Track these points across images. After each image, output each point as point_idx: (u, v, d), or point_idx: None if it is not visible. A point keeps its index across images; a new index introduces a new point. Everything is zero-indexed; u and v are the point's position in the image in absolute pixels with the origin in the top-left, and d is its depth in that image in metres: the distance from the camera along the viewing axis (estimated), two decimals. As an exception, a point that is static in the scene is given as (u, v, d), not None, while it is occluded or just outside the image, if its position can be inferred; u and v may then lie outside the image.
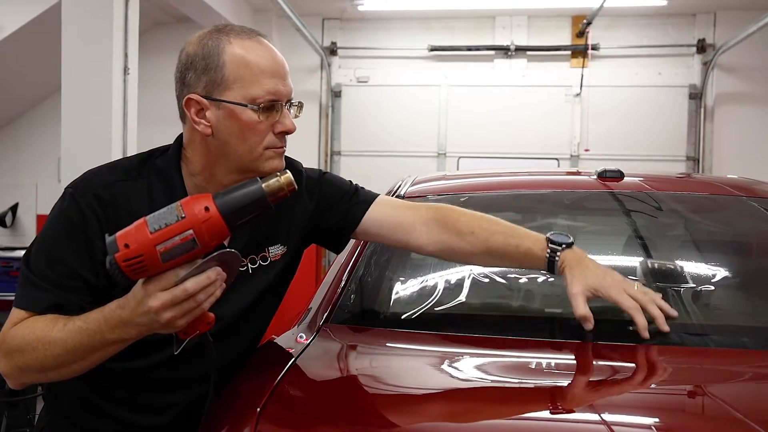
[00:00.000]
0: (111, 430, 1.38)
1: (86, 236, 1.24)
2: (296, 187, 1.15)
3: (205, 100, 1.24)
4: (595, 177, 1.99)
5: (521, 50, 6.26)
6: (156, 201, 1.25)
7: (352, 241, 1.83)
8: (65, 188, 1.31)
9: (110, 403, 1.36)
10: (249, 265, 1.37)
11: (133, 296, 1.09)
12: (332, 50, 6.49)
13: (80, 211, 1.25)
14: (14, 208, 6.70)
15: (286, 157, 1.37)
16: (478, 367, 1.35)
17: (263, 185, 1.09)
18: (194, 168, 1.31)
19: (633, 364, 1.33)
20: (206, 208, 1.04)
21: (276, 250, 1.41)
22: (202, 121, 1.26)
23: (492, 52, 6.33)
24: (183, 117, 1.30)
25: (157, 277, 1.06)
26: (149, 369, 1.32)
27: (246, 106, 1.23)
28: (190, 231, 1.02)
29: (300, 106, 1.32)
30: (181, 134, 1.34)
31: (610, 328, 1.50)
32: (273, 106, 1.25)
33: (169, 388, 1.36)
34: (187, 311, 1.07)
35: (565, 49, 6.23)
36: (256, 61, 1.24)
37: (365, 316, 1.60)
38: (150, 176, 1.31)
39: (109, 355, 1.17)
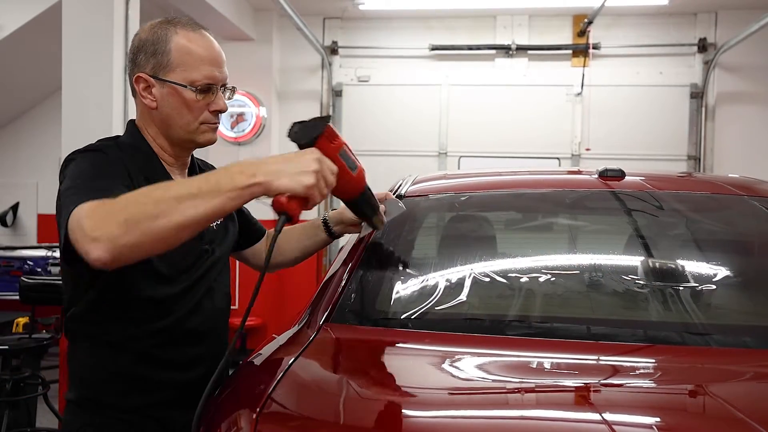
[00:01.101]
0: (148, 403, 1.48)
1: (123, 165, 1.42)
2: None
3: (152, 79, 1.47)
4: (596, 176, 1.98)
5: (522, 49, 6.26)
6: (137, 163, 1.47)
7: (352, 241, 1.83)
8: (72, 156, 1.43)
9: (151, 366, 1.48)
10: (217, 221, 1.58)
11: (300, 154, 1.26)
12: (333, 49, 6.49)
13: (107, 154, 1.43)
14: (15, 208, 6.71)
15: (202, 160, 1.70)
16: (479, 367, 1.35)
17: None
18: (149, 138, 1.54)
19: (634, 364, 1.33)
20: None
21: None
22: (149, 96, 1.49)
23: (493, 52, 6.32)
24: (134, 92, 1.52)
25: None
26: (180, 322, 1.49)
27: (186, 87, 1.46)
28: (358, 168, 1.41)
29: (233, 89, 1.56)
30: (131, 120, 1.58)
31: (611, 327, 1.50)
32: (209, 88, 1.48)
33: (198, 341, 1.54)
34: (319, 188, 1.24)
35: (566, 49, 6.23)
36: (197, 51, 1.48)
37: (365, 315, 1.59)
38: (123, 150, 1.50)
39: (210, 216, 1.20)
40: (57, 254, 5.48)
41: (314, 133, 1.31)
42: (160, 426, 1.49)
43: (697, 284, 1.60)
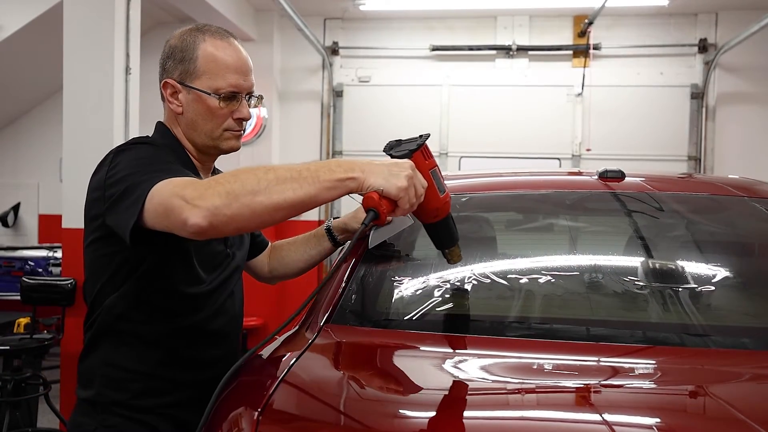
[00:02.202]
0: (165, 403, 1.50)
1: (170, 156, 1.45)
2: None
3: (178, 85, 1.52)
4: (596, 177, 1.99)
5: (523, 50, 6.26)
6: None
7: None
8: (121, 148, 1.44)
9: (174, 366, 1.51)
10: None
11: (396, 161, 1.33)
12: (334, 50, 6.50)
13: (158, 146, 1.47)
14: (16, 208, 6.71)
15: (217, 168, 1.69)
16: (479, 368, 1.35)
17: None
18: (178, 138, 1.57)
19: (634, 365, 1.33)
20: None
21: None
22: (175, 101, 1.53)
23: (494, 52, 6.33)
24: (163, 97, 1.57)
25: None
26: (206, 321, 1.54)
27: (210, 94, 1.49)
28: (446, 192, 1.45)
29: (259, 98, 1.59)
30: (159, 122, 1.61)
31: (611, 329, 1.50)
32: (234, 96, 1.51)
33: (219, 341, 1.59)
34: (409, 195, 1.29)
35: (566, 49, 6.23)
36: (223, 59, 1.50)
37: (366, 316, 1.60)
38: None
39: (306, 202, 1.24)
40: (58, 254, 5.49)
41: (411, 147, 1.39)
42: (176, 426, 1.51)
43: (696, 285, 1.60)
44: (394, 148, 1.42)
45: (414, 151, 1.38)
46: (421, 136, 1.43)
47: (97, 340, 1.52)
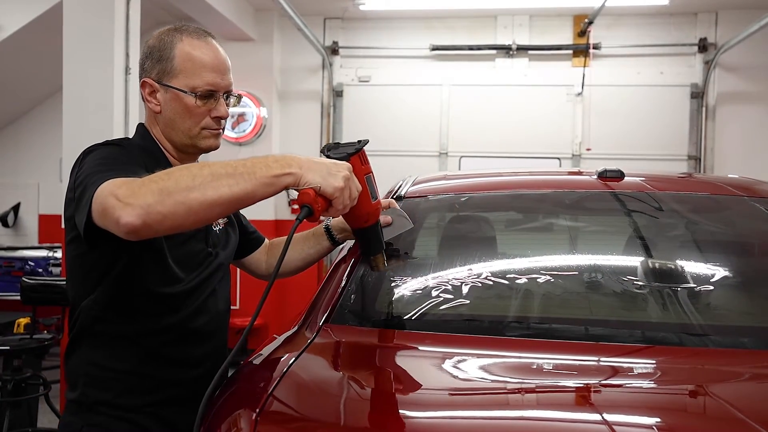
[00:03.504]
0: (150, 402, 1.50)
1: (141, 160, 1.44)
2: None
3: (156, 84, 1.53)
4: (595, 177, 1.99)
5: (523, 49, 6.26)
6: (148, 162, 1.47)
7: (351, 242, 1.84)
8: (90, 149, 1.45)
9: (156, 365, 1.51)
10: (218, 225, 1.67)
11: (334, 162, 1.33)
12: (334, 50, 6.49)
13: (125, 147, 1.48)
14: (16, 208, 6.71)
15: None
16: (478, 368, 1.35)
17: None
18: (157, 139, 1.59)
19: (632, 365, 1.33)
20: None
21: (221, 219, 1.69)
22: (153, 100, 1.55)
23: (494, 52, 6.33)
24: (142, 96, 1.58)
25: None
26: (186, 321, 1.53)
27: (186, 92, 1.50)
28: (378, 199, 1.50)
29: (238, 97, 1.61)
30: (140, 123, 1.63)
31: (610, 328, 1.50)
32: (211, 95, 1.52)
33: (202, 340, 1.58)
34: (344, 196, 1.30)
35: (566, 49, 6.23)
36: (200, 58, 1.51)
37: (365, 316, 1.60)
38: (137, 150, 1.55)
39: (242, 199, 1.23)
40: (58, 254, 5.50)
41: (349, 151, 1.41)
42: (162, 424, 1.51)
43: (695, 285, 1.61)
44: (332, 150, 1.43)
45: (352, 154, 1.41)
46: (359, 141, 1.46)
47: (78, 341, 1.53)
